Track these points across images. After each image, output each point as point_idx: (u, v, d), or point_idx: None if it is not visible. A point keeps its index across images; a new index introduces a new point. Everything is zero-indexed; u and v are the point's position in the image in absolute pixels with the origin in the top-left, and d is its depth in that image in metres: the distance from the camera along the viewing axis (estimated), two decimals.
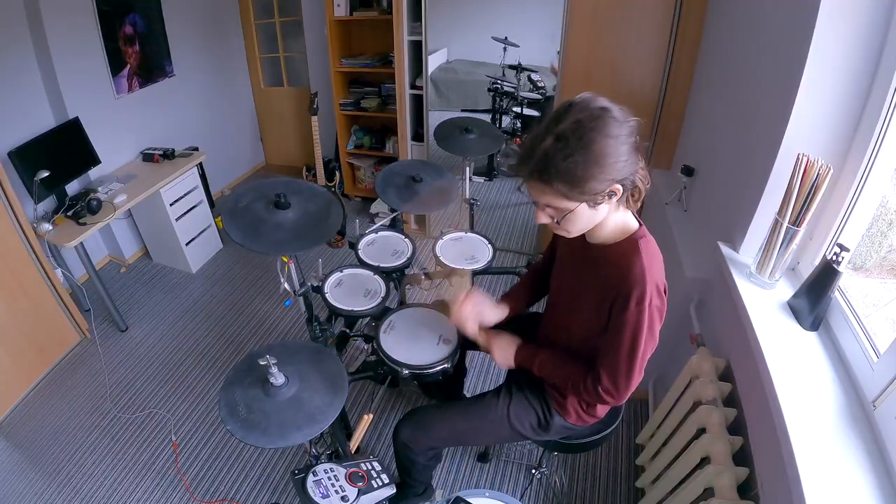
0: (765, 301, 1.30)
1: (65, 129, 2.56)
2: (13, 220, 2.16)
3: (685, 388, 1.50)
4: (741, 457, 1.25)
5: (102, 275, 2.85)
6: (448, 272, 1.80)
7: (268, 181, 1.47)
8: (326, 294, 1.67)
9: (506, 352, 1.33)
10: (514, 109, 3.49)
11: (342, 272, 1.77)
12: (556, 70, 2.55)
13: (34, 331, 2.35)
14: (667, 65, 2.27)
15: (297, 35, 3.72)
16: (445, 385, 1.92)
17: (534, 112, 3.46)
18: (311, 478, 1.25)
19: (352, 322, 2.04)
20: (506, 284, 2.84)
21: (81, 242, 2.36)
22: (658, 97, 2.34)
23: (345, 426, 1.68)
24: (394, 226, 2.02)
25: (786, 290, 1.33)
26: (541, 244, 3.09)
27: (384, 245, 1.93)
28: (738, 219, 1.47)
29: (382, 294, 1.66)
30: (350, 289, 1.71)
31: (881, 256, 1.30)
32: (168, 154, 2.98)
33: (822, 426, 1.02)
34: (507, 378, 1.43)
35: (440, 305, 1.58)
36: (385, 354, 1.47)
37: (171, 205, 2.87)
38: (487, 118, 3.45)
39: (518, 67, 3.27)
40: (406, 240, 1.94)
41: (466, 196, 2.09)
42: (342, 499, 1.22)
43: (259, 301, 2.87)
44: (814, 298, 1.19)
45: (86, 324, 2.62)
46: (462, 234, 1.99)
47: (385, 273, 1.77)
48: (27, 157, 2.31)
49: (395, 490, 1.32)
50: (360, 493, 1.24)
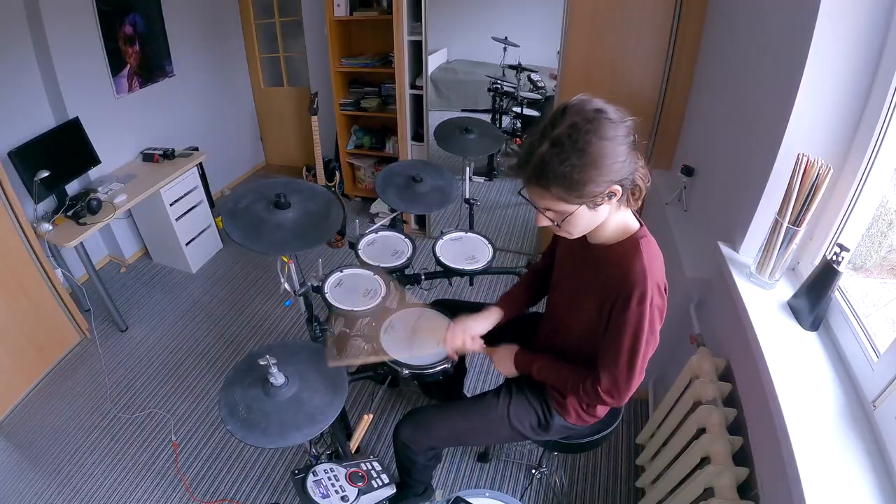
0: (765, 301, 1.30)
1: (65, 129, 2.56)
2: (13, 220, 2.16)
3: (685, 388, 1.50)
4: (741, 457, 1.25)
5: (102, 275, 2.85)
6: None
7: (268, 181, 1.47)
8: (326, 294, 1.67)
9: (506, 361, 1.34)
10: (514, 109, 3.49)
11: (342, 272, 1.77)
12: (556, 76, 2.56)
13: (34, 331, 2.35)
14: (667, 65, 2.27)
15: (297, 35, 3.72)
16: (445, 385, 1.92)
17: (534, 112, 3.46)
18: (311, 478, 1.25)
19: (352, 322, 2.04)
20: (506, 284, 2.84)
21: (81, 242, 2.36)
22: (658, 97, 2.34)
23: (345, 426, 1.68)
24: (394, 226, 2.02)
25: (786, 290, 1.33)
26: (541, 244, 3.09)
27: (384, 245, 1.93)
28: (738, 219, 1.47)
29: (382, 294, 1.67)
30: (350, 289, 1.71)
31: (881, 256, 1.30)
32: (168, 154, 2.98)
33: (822, 426, 1.02)
34: (507, 378, 1.43)
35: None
36: (385, 354, 1.47)
37: (171, 205, 2.87)
38: (487, 118, 3.45)
39: (518, 67, 3.27)
40: (406, 240, 1.94)
41: (466, 196, 2.09)
42: (342, 499, 1.22)
43: (259, 301, 2.87)
44: (814, 298, 1.19)
45: (86, 324, 2.62)
46: (462, 234, 1.99)
47: (385, 273, 1.77)
48: (27, 157, 2.32)
49: (395, 490, 1.33)
50: (360, 493, 1.24)
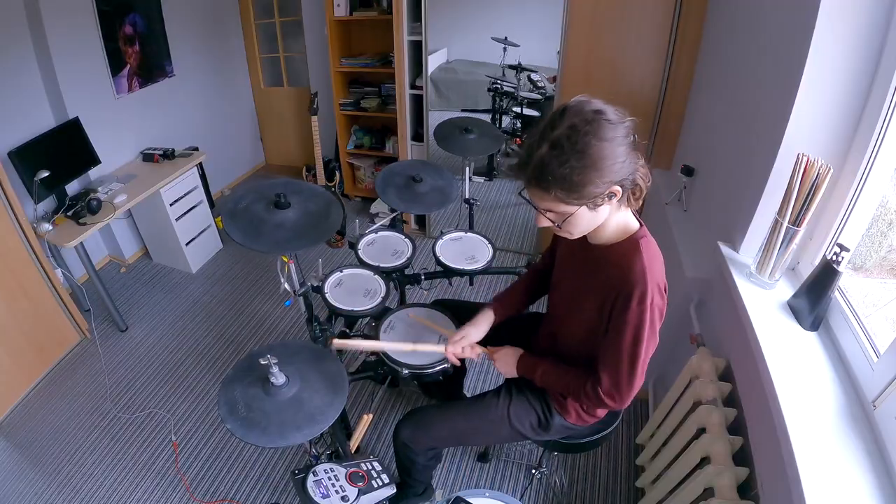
0: (765, 301, 1.30)
1: (65, 129, 2.56)
2: (13, 220, 2.16)
3: (685, 388, 1.50)
4: (741, 457, 1.25)
5: (102, 275, 2.85)
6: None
7: (267, 182, 1.47)
8: (326, 294, 1.67)
9: (508, 363, 1.34)
10: (514, 109, 3.49)
11: (342, 272, 1.77)
12: (555, 78, 2.56)
13: (34, 331, 2.35)
14: (667, 65, 2.27)
15: (297, 35, 3.72)
16: (445, 385, 1.92)
17: (534, 112, 3.46)
18: (311, 478, 1.25)
19: (352, 322, 2.04)
20: (505, 285, 2.83)
21: (81, 242, 2.36)
22: (658, 97, 2.34)
23: (345, 426, 1.68)
24: (394, 226, 2.02)
25: (786, 290, 1.33)
26: (541, 244, 3.09)
27: (384, 245, 1.93)
28: (738, 219, 1.47)
29: (382, 294, 1.67)
30: (350, 289, 1.71)
31: (881, 256, 1.30)
32: (168, 154, 2.98)
33: (822, 426, 1.02)
34: (508, 378, 1.43)
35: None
36: (385, 354, 1.47)
37: (171, 205, 2.87)
38: (487, 118, 3.45)
39: (518, 67, 3.27)
40: (406, 240, 1.94)
41: (466, 196, 2.09)
42: (342, 499, 1.22)
43: (259, 301, 2.87)
44: (814, 298, 1.19)
45: (86, 324, 2.62)
46: (462, 234, 1.99)
47: (385, 273, 1.77)
48: (27, 157, 2.31)
49: (395, 490, 1.33)
50: (360, 493, 1.24)
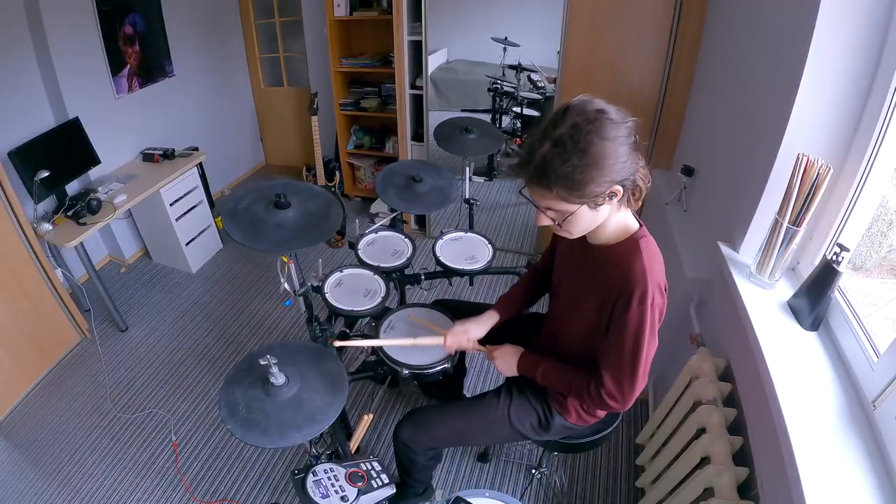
0: (765, 301, 1.30)
1: (65, 129, 2.56)
2: (13, 220, 2.16)
3: (685, 388, 1.50)
4: (741, 457, 1.25)
5: (102, 275, 2.85)
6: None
7: (267, 182, 1.47)
8: (326, 294, 1.67)
9: (509, 362, 1.34)
10: (514, 109, 3.48)
11: (342, 272, 1.77)
12: (554, 79, 2.55)
13: (34, 331, 2.35)
14: (667, 65, 2.27)
15: (297, 35, 3.72)
16: (445, 385, 1.92)
17: (534, 112, 3.45)
18: (311, 478, 1.25)
19: (352, 322, 2.04)
20: (506, 284, 2.84)
21: (81, 242, 2.36)
22: (658, 97, 2.34)
23: (345, 426, 1.68)
24: (394, 226, 2.02)
25: (786, 290, 1.33)
26: (541, 244, 3.09)
27: (384, 245, 1.93)
28: (738, 219, 1.47)
29: (382, 294, 1.66)
30: (350, 289, 1.71)
31: (881, 256, 1.30)
32: (168, 154, 2.98)
33: (822, 426, 1.02)
34: (508, 378, 1.43)
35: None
36: (385, 354, 1.47)
37: (171, 205, 2.87)
38: (487, 118, 3.44)
39: (518, 67, 3.26)
40: (406, 240, 1.94)
41: (466, 196, 2.09)
42: (342, 499, 1.22)
43: (259, 301, 2.87)
44: (814, 298, 1.19)
45: (86, 324, 2.62)
46: (462, 234, 1.99)
47: (385, 273, 1.77)
48: (27, 157, 2.31)
49: (395, 490, 1.33)
50: (360, 493, 1.24)
